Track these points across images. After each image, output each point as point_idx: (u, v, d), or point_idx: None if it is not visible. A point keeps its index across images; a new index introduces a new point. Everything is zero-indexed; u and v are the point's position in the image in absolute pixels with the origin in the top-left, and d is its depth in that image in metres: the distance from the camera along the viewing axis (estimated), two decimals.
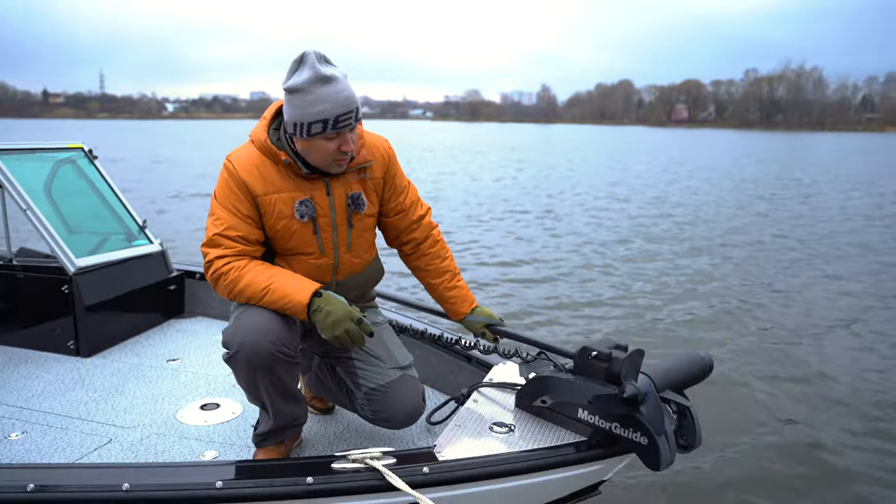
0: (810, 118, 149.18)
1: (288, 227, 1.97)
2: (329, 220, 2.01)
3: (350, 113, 1.84)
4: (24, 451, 2.24)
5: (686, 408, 1.80)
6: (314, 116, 1.81)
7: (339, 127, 1.83)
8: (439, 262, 2.29)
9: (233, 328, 1.88)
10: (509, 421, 2.02)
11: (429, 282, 2.30)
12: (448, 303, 2.29)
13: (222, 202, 1.94)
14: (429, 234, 2.29)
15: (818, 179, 21.66)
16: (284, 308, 1.85)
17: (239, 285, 1.89)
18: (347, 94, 1.82)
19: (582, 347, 1.91)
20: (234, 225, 1.92)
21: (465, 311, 2.27)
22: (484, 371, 2.45)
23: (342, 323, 1.83)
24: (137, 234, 3.55)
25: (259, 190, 1.93)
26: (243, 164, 1.94)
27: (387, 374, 2.08)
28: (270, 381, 1.90)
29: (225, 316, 3.65)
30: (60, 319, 3.08)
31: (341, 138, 1.87)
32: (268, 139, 1.94)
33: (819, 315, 6.36)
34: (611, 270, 8.23)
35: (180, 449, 2.27)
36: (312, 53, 1.82)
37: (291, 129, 1.88)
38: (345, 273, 2.11)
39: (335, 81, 1.81)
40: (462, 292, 2.29)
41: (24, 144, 3.30)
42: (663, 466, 1.72)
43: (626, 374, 1.75)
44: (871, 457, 3.66)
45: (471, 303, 2.29)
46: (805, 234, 11.02)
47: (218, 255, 1.92)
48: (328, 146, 1.87)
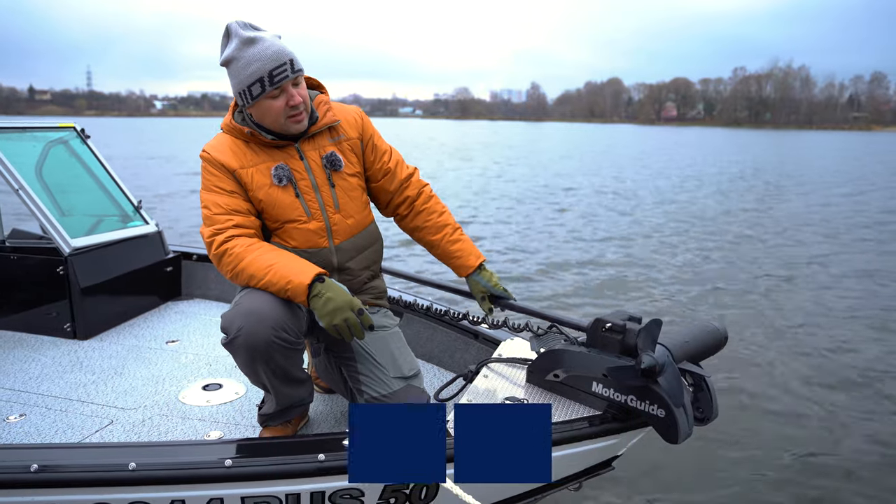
0: (798, 116, 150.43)
1: (270, 195, 1.96)
2: (309, 182, 2.00)
3: (283, 65, 1.84)
4: (24, 433, 2.18)
5: (702, 379, 1.77)
6: (249, 78, 1.84)
7: (275, 82, 1.84)
8: (436, 217, 2.23)
9: (232, 312, 1.83)
10: (521, 396, 1.99)
11: (430, 239, 2.24)
12: (453, 257, 2.21)
13: (207, 187, 1.97)
14: (421, 190, 2.26)
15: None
16: (285, 290, 1.80)
17: (241, 263, 1.85)
18: (276, 49, 1.84)
19: (595, 319, 1.88)
20: (222, 202, 1.92)
21: (473, 265, 2.20)
22: (492, 348, 2.41)
23: (341, 311, 1.77)
24: (132, 215, 3.48)
25: (235, 164, 1.95)
26: (216, 148, 1.98)
27: (389, 384, 2.02)
28: (270, 367, 1.85)
29: (223, 298, 3.59)
30: (56, 302, 3.01)
31: (286, 94, 1.88)
32: (232, 120, 1.99)
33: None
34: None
35: (184, 429, 2.21)
36: (234, 23, 1.87)
37: (240, 101, 1.91)
38: (340, 236, 2.06)
39: (260, 41, 1.84)
40: (467, 245, 2.22)
41: (14, 123, 3.22)
42: (681, 439, 1.69)
43: (642, 344, 1.71)
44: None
45: (478, 257, 2.22)
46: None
47: (216, 230, 1.90)
48: (275, 104, 1.88)
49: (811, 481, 3.29)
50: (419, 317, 2.71)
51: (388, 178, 2.19)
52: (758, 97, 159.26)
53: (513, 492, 1.88)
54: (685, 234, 10.34)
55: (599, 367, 1.82)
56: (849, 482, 3.28)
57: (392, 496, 1.73)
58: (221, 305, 3.54)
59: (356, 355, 2.04)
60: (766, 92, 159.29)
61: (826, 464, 3.44)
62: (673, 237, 10.04)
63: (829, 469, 3.40)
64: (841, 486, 3.25)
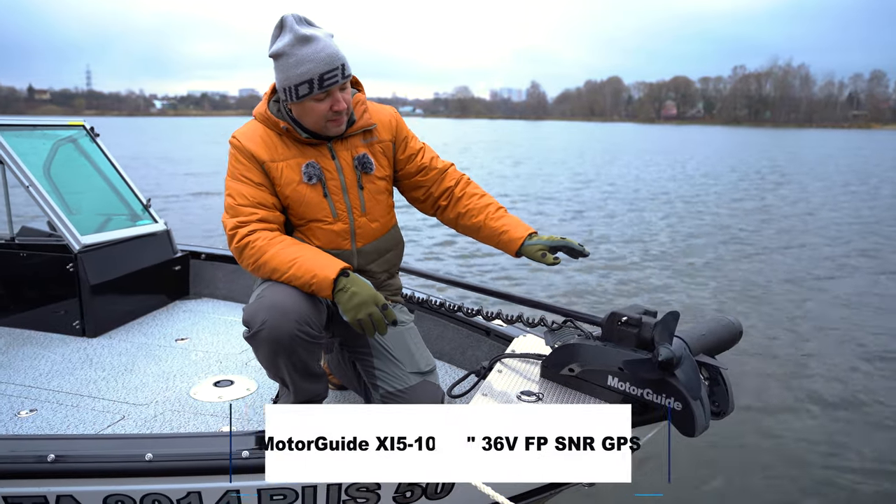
0: (797, 115, 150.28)
1: (298, 192, 1.94)
2: (338, 183, 1.98)
3: (334, 70, 1.82)
4: (36, 427, 2.17)
5: (718, 372, 1.77)
6: (299, 78, 1.81)
7: (325, 85, 1.82)
8: (477, 199, 2.16)
9: (255, 306, 1.82)
10: (536, 391, 1.98)
11: (473, 222, 2.14)
12: (501, 233, 2.08)
13: (233, 175, 1.93)
14: (459, 179, 2.21)
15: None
16: (309, 284, 1.80)
17: (264, 257, 1.84)
18: (330, 52, 1.81)
19: (611, 313, 1.87)
20: (248, 193, 1.90)
21: (522, 235, 2.06)
22: (504, 344, 2.41)
23: (366, 306, 1.77)
24: (141, 214, 3.48)
25: (265, 156, 1.92)
26: (248, 136, 1.95)
27: (406, 379, 2.01)
28: (292, 361, 1.84)
29: (231, 297, 3.59)
30: (65, 299, 3.01)
31: (331, 98, 1.85)
32: (267, 110, 1.95)
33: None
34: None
35: (196, 424, 2.21)
36: (291, 16, 1.82)
37: (283, 96, 1.88)
38: (363, 239, 2.05)
39: (316, 40, 1.80)
40: (513, 220, 2.11)
41: (24, 120, 3.23)
42: (698, 432, 1.68)
43: (659, 337, 1.71)
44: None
45: (527, 228, 2.09)
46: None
47: (239, 222, 1.88)
48: (319, 107, 1.86)
49: (825, 477, 3.29)
50: (430, 314, 2.71)
51: (423, 173, 2.17)
52: (757, 96, 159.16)
53: (528, 487, 1.88)
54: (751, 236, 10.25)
55: (615, 360, 1.82)
56: (863, 480, 3.28)
57: (408, 489, 1.73)
58: (230, 304, 3.54)
59: (372, 350, 2.04)
60: (766, 90, 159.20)
61: (842, 462, 3.44)
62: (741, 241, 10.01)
63: (844, 467, 3.40)
64: (855, 486, 3.25)
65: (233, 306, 3.51)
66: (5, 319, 3.14)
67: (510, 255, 2.11)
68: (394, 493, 1.71)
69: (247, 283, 3.54)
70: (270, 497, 1.63)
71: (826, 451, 3.55)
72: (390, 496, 1.71)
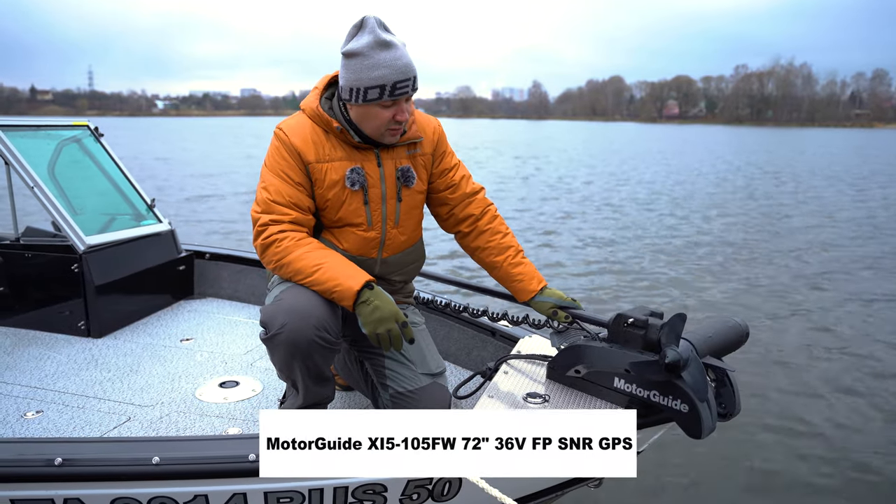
0: (800, 114, 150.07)
1: (339, 196, 1.92)
2: (379, 192, 1.96)
3: (408, 81, 1.80)
4: (42, 429, 2.18)
5: (725, 374, 1.77)
6: (372, 81, 1.78)
7: (396, 94, 1.80)
8: (500, 238, 2.16)
9: (274, 308, 1.81)
10: (542, 392, 1.98)
11: (492, 260, 2.16)
12: (514, 281, 2.13)
13: (273, 169, 1.90)
14: (486, 209, 2.19)
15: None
16: (332, 291, 1.79)
17: (289, 257, 1.83)
18: (406, 62, 1.79)
19: (617, 315, 1.87)
20: (285, 191, 1.88)
21: (535, 289, 2.11)
22: (509, 345, 2.40)
23: (387, 322, 1.77)
24: (146, 214, 3.49)
25: (311, 157, 1.89)
26: (295, 131, 1.91)
27: (416, 380, 2.01)
28: (307, 365, 1.84)
29: (236, 297, 3.59)
30: (70, 300, 3.01)
31: (397, 107, 1.83)
32: (319, 107, 1.91)
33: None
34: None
35: (202, 426, 2.21)
36: (373, 19, 1.79)
37: (347, 95, 1.84)
38: (390, 250, 2.05)
39: (394, 48, 1.78)
40: (530, 269, 2.14)
41: (28, 121, 3.24)
42: (705, 434, 1.68)
43: (666, 339, 1.70)
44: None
45: (540, 280, 2.13)
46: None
47: (271, 219, 1.86)
48: (383, 114, 1.83)
49: (831, 478, 3.28)
50: (436, 314, 2.71)
51: (452, 191, 2.15)
52: (759, 95, 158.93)
53: (535, 487, 1.88)
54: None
55: (622, 362, 1.81)
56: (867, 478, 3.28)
57: (415, 491, 1.72)
58: (234, 304, 3.54)
59: (384, 350, 2.04)
60: (768, 90, 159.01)
61: (851, 463, 3.43)
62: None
63: (851, 468, 3.39)
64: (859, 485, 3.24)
65: (237, 306, 3.51)
66: (11, 320, 3.15)
67: (517, 300, 2.17)
68: (400, 495, 1.71)
69: (251, 282, 3.54)
70: (277, 500, 1.63)
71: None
72: (397, 498, 1.71)
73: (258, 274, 3.52)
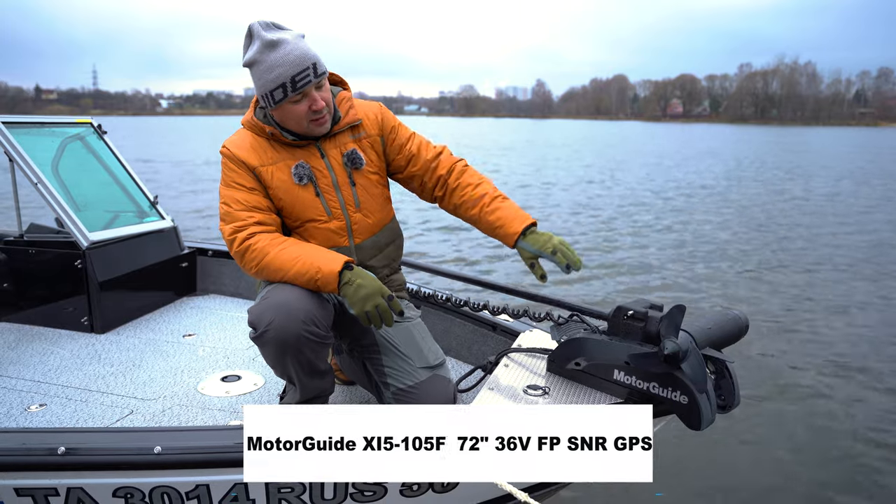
0: (804, 112, 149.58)
1: (291, 193, 1.95)
2: (329, 181, 1.99)
3: (305, 70, 1.82)
4: (46, 422, 2.19)
5: (724, 366, 1.77)
6: (272, 83, 1.82)
7: (298, 87, 1.82)
8: (471, 190, 2.09)
9: (261, 306, 1.82)
10: (542, 384, 1.99)
11: (470, 215, 2.09)
12: (496, 228, 2.03)
13: (227, 183, 1.96)
14: (452, 167, 2.15)
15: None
16: (315, 279, 1.80)
17: (266, 258, 1.84)
18: (298, 53, 1.81)
19: (617, 307, 1.88)
20: (241, 198, 1.92)
21: (517, 230, 1.98)
22: (510, 339, 2.41)
23: (373, 297, 1.78)
24: (149, 211, 3.50)
25: (255, 161, 1.94)
26: (236, 143, 1.98)
27: (416, 375, 2.00)
28: (299, 360, 1.85)
29: (238, 293, 3.61)
30: (73, 296, 3.03)
31: (308, 98, 1.86)
32: (254, 117, 1.98)
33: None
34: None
35: (204, 419, 2.23)
36: (257, 24, 1.84)
37: (263, 103, 1.90)
38: (360, 235, 2.06)
39: (283, 44, 1.81)
40: (508, 212, 2.02)
41: (32, 118, 3.26)
42: (704, 426, 1.69)
43: (665, 331, 1.71)
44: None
45: (523, 220, 1.99)
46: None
47: (236, 227, 1.89)
48: (298, 109, 1.87)
49: (831, 473, 3.28)
50: (436, 309, 2.72)
51: (413, 162, 2.14)
52: (764, 93, 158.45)
53: (532, 480, 1.88)
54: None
55: (621, 354, 1.82)
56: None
57: (415, 483, 1.73)
58: (237, 301, 3.56)
59: (381, 348, 2.04)
60: (772, 88, 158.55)
61: (850, 455, 3.43)
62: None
63: (849, 460, 3.39)
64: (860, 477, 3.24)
65: (239, 302, 3.53)
66: (15, 316, 3.17)
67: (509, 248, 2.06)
68: (401, 487, 1.72)
69: (252, 279, 3.55)
70: (278, 490, 1.64)
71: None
72: (397, 489, 1.72)
73: None
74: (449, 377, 2.09)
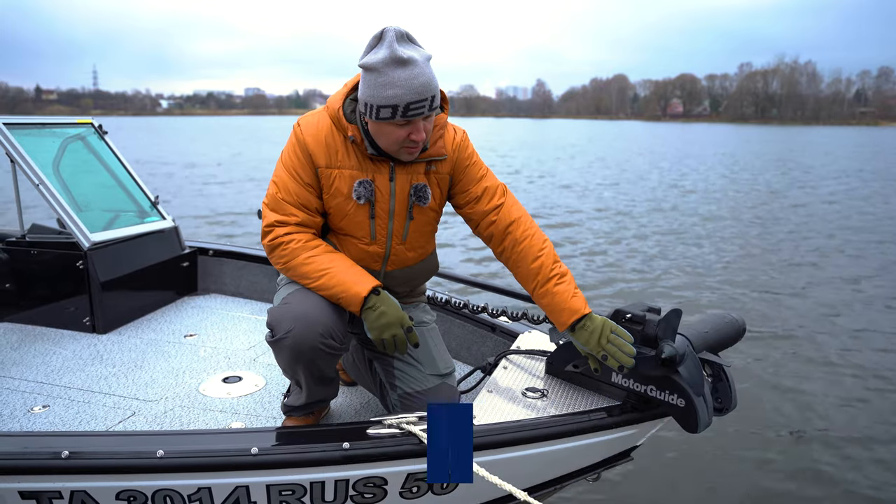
0: (804, 112, 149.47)
1: (342, 206, 1.87)
2: (387, 208, 1.89)
3: (423, 101, 1.69)
4: (49, 423, 2.20)
5: (721, 369, 1.79)
6: (384, 101, 1.68)
7: (409, 115, 1.70)
8: (526, 264, 1.93)
9: (281, 311, 1.80)
10: (541, 387, 2.00)
11: (524, 285, 1.99)
12: (547, 312, 1.94)
13: (286, 164, 1.87)
14: (507, 230, 1.97)
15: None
16: (338, 296, 1.78)
17: (295, 260, 1.82)
18: (423, 81, 1.68)
19: (615, 310, 1.89)
20: (294, 190, 1.85)
21: (566, 322, 1.85)
22: (509, 340, 2.43)
23: (392, 327, 1.76)
24: (150, 211, 3.51)
25: (322, 161, 1.84)
26: (311, 130, 1.85)
27: (425, 381, 1.99)
28: (310, 369, 1.86)
29: (239, 293, 3.62)
30: (75, 296, 3.04)
31: (412, 126, 1.74)
32: (341, 109, 1.83)
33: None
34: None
35: (206, 420, 2.24)
36: (392, 30, 1.67)
37: (362, 108, 1.77)
38: (395, 265, 2.00)
39: (412, 65, 1.66)
40: (559, 297, 1.87)
41: (33, 119, 3.26)
42: (701, 428, 1.70)
43: (662, 334, 1.73)
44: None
45: (571, 314, 1.84)
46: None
47: (278, 220, 1.85)
48: (397, 133, 1.74)
49: (830, 470, 3.29)
50: (436, 310, 2.73)
51: (471, 205, 2.01)
52: (764, 93, 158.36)
53: (532, 482, 1.90)
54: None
55: None
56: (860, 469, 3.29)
57: (414, 484, 1.74)
58: (237, 300, 3.57)
59: (388, 353, 2.04)
60: (773, 88, 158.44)
61: (847, 454, 3.45)
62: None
63: (847, 458, 3.40)
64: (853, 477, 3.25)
65: (240, 302, 3.55)
66: (17, 316, 3.18)
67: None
68: (400, 488, 1.73)
69: (254, 279, 3.57)
70: (279, 492, 1.65)
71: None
72: (397, 491, 1.73)
73: (260, 270, 3.55)
74: (455, 386, 2.08)
